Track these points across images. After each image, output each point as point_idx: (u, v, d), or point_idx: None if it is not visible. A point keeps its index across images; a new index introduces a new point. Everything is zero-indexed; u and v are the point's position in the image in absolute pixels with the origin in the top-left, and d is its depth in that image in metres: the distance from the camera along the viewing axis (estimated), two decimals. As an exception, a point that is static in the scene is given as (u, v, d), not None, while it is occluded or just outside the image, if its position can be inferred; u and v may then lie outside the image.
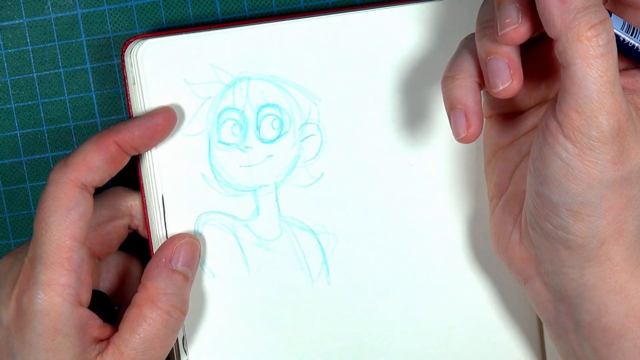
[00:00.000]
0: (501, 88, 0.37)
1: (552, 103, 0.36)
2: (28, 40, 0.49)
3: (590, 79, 0.34)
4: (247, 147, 0.46)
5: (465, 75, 0.38)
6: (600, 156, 0.35)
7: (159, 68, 0.44)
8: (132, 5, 0.48)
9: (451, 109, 0.38)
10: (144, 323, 0.42)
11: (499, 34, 0.36)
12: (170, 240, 0.44)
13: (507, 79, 0.37)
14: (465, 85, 0.38)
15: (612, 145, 0.35)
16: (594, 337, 0.39)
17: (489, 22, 0.37)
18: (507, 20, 0.36)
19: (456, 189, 0.47)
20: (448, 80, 0.39)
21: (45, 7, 0.49)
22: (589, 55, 0.34)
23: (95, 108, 0.49)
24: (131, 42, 0.45)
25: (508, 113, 0.43)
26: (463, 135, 0.38)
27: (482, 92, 0.40)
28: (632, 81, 0.39)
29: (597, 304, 0.38)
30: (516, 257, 0.41)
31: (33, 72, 0.49)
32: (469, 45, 0.39)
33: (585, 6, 0.34)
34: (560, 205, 0.36)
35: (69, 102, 0.49)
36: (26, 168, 0.50)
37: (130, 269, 0.48)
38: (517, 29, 0.36)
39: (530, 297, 0.42)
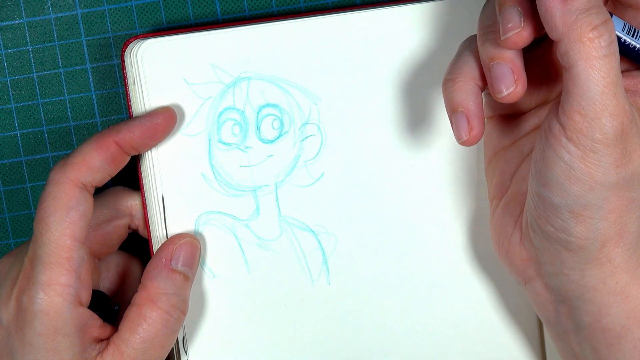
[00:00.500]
0: (505, 93, 0.37)
1: (555, 105, 0.36)
2: (28, 40, 0.49)
3: (593, 80, 0.34)
4: (247, 147, 0.46)
5: (466, 78, 0.38)
6: (603, 158, 0.35)
7: (159, 68, 0.45)
8: (132, 5, 0.48)
9: (452, 112, 0.38)
10: (144, 323, 0.42)
11: (502, 39, 0.36)
12: (171, 240, 0.44)
13: (511, 84, 0.37)
14: (467, 89, 0.38)
15: (615, 147, 0.35)
16: (594, 338, 0.39)
17: (490, 26, 0.37)
18: (509, 25, 0.36)
19: (457, 190, 0.47)
20: (449, 83, 0.39)
21: (45, 7, 0.49)
22: (591, 57, 0.34)
23: (95, 108, 0.49)
24: (131, 42, 0.45)
25: (509, 114, 0.43)
26: (465, 139, 0.38)
27: (482, 93, 0.40)
28: (633, 83, 0.39)
29: (597, 306, 0.38)
30: (517, 258, 0.41)
31: (33, 72, 0.49)
32: (469, 47, 0.39)
33: (587, 7, 0.34)
34: (562, 207, 0.36)
35: (69, 102, 0.49)
36: (26, 168, 0.50)
37: (130, 269, 0.48)
38: (519, 33, 0.36)
39: (530, 298, 0.42)
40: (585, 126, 0.35)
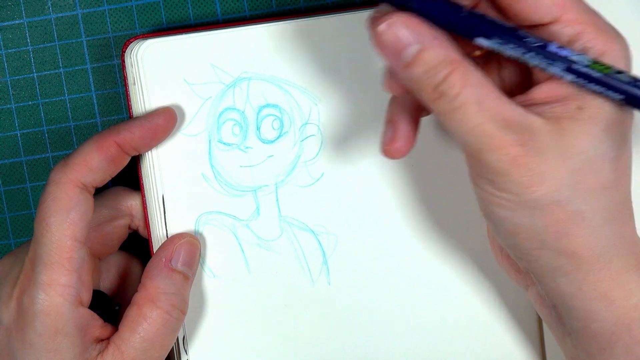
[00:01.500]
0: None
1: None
2: (28, 40, 0.49)
3: (458, 133, 0.34)
4: (247, 147, 0.46)
5: (404, 98, 0.39)
6: (506, 186, 0.35)
7: (159, 68, 0.45)
8: (132, 5, 0.49)
9: (386, 121, 0.39)
10: (144, 322, 0.42)
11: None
12: (171, 240, 0.45)
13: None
14: (404, 104, 0.39)
15: (512, 175, 0.34)
16: (587, 342, 0.38)
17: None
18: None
19: (456, 190, 0.47)
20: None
21: (46, 7, 0.49)
22: (445, 112, 0.34)
23: (96, 108, 0.49)
24: (131, 42, 0.45)
25: None
26: (385, 148, 0.39)
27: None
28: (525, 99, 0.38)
29: (584, 311, 0.37)
30: (511, 269, 0.42)
31: (33, 72, 0.49)
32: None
33: (425, 70, 0.34)
34: (511, 248, 0.37)
35: (69, 102, 0.49)
36: (26, 168, 0.50)
37: (131, 268, 0.48)
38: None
39: (532, 301, 0.42)
40: (478, 170, 0.35)
